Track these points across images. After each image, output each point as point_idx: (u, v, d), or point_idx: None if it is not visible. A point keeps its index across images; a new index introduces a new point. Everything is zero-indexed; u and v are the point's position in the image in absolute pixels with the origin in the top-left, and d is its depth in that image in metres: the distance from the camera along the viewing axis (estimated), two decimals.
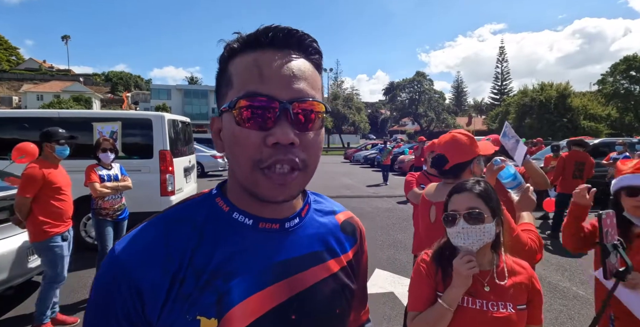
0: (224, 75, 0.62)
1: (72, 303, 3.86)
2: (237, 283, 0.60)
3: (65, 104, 48.26)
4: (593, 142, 9.68)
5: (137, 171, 5.28)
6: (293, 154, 0.57)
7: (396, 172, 17.58)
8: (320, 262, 0.69)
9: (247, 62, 0.59)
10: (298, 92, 0.58)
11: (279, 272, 0.64)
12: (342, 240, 0.76)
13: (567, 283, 4.48)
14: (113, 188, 3.87)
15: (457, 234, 1.31)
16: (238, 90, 0.58)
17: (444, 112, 54.39)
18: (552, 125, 30.08)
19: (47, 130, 3.33)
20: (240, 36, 0.61)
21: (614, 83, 39.02)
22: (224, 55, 0.63)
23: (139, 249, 0.59)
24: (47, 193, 3.19)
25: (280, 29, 0.59)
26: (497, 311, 1.27)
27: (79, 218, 5.37)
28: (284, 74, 0.58)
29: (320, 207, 0.77)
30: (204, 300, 0.58)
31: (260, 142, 0.57)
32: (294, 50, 0.61)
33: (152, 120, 5.55)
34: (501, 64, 67.76)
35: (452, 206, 1.36)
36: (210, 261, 0.60)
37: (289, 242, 0.67)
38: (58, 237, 3.23)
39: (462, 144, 1.91)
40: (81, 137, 5.41)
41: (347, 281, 0.73)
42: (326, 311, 0.68)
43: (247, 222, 0.64)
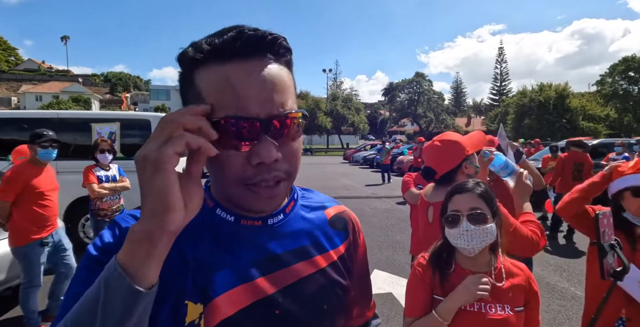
0: (190, 87, 0.59)
1: None
2: (221, 276, 0.62)
3: (64, 104, 48.25)
4: (592, 142, 9.70)
5: (136, 171, 5.26)
6: (277, 170, 0.58)
7: (395, 172, 17.59)
8: (307, 258, 0.69)
9: (218, 79, 0.55)
10: (277, 108, 0.56)
11: (262, 268, 0.65)
12: (331, 235, 0.75)
13: (565, 283, 4.48)
14: (111, 189, 3.87)
15: (459, 236, 1.29)
16: (213, 111, 0.55)
17: (443, 112, 54.50)
18: (551, 125, 30.15)
19: (34, 132, 3.21)
20: (202, 44, 0.57)
21: (613, 84, 39.16)
22: (188, 61, 0.58)
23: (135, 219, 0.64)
24: (29, 198, 3.08)
25: (248, 36, 0.55)
26: (494, 313, 1.27)
27: (77, 219, 5.38)
28: (260, 90, 0.55)
29: (307, 202, 0.77)
30: (189, 286, 0.60)
31: (244, 162, 0.56)
32: (264, 56, 0.57)
33: (150, 121, 5.56)
34: (500, 64, 67.90)
35: (453, 206, 1.34)
36: (194, 252, 0.62)
37: (273, 239, 0.67)
38: (36, 243, 3.12)
39: (444, 153, 1.89)
40: (80, 138, 5.46)
41: (337, 277, 0.73)
42: (313, 307, 0.68)
43: (229, 219, 0.66)
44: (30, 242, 3.09)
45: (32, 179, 3.09)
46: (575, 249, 6.01)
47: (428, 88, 54.54)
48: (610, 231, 1.59)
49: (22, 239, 3.08)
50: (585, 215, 1.87)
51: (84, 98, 54.66)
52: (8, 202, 3.04)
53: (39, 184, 3.13)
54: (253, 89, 0.55)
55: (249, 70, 0.56)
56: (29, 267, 3.13)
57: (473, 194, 1.34)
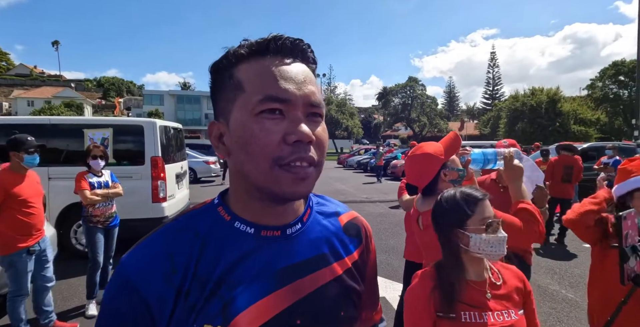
0: (228, 81, 0.64)
1: (64, 311, 3.83)
2: (241, 291, 0.62)
3: (56, 110, 47.83)
4: (582, 146, 9.81)
5: (129, 177, 5.26)
6: (311, 152, 0.61)
7: (389, 177, 17.64)
8: (324, 265, 0.70)
9: (261, 67, 0.62)
10: (311, 95, 0.62)
11: (282, 278, 0.65)
12: (345, 242, 0.76)
13: (556, 286, 4.52)
14: (103, 195, 3.85)
15: (499, 243, 1.26)
16: (254, 94, 0.60)
17: (437, 117, 54.76)
18: (543, 129, 30.41)
19: (15, 138, 3.12)
20: (247, 43, 0.64)
21: (603, 88, 39.64)
22: (229, 61, 0.64)
23: (144, 263, 0.62)
24: (12, 206, 3.01)
25: (286, 38, 0.63)
26: (503, 321, 1.25)
27: (69, 225, 5.34)
28: (298, 78, 0.61)
29: (322, 209, 0.78)
30: (209, 309, 0.60)
31: (281, 140, 0.59)
32: (298, 59, 0.64)
33: (143, 126, 5.54)
34: (492, 69, 68.66)
35: (484, 214, 1.31)
36: (214, 270, 0.62)
37: (291, 248, 0.68)
38: (23, 252, 3.07)
39: (418, 167, 1.90)
40: (72, 144, 5.44)
41: (352, 283, 0.74)
42: (331, 314, 0.69)
43: (249, 231, 0.66)
44: (17, 250, 3.04)
45: (13, 186, 3.02)
46: (566, 251, 6.06)
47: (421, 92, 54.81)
48: (634, 233, 1.54)
49: (8, 248, 3.02)
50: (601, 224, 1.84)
51: (76, 103, 54.23)
52: None
53: (21, 191, 3.07)
54: (292, 77, 0.61)
55: (286, 63, 0.62)
56: (16, 276, 3.08)
57: (488, 201, 1.34)
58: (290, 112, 0.60)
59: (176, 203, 6.09)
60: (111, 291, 0.63)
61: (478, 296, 1.28)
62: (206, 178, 16.11)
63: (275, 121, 0.59)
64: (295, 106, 0.60)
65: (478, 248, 1.27)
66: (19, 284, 3.08)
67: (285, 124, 0.59)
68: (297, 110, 0.60)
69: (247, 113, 0.60)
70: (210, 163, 15.71)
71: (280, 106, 0.59)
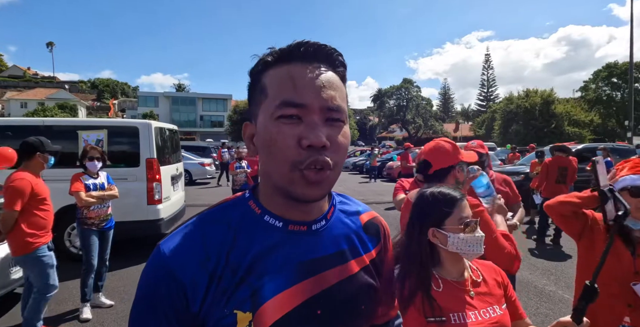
0: (257, 86, 0.68)
1: (58, 314, 3.80)
2: (268, 280, 0.65)
3: (49, 111, 47.55)
4: (576, 147, 9.88)
5: (124, 179, 5.23)
6: (325, 156, 0.62)
7: (384, 178, 17.67)
8: (344, 261, 0.74)
9: (281, 74, 0.65)
10: (327, 101, 0.64)
11: (306, 270, 0.69)
12: (365, 240, 0.80)
13: (553, 287, 4.54)
14: (99, 197, 3.82)
15: (477, 242, 1.27)
16: (273, 99, 0.64)
17: (432, 118, 54.97)
18: (537, 131, 30.60)
19: (39, 140, 3.27)
20: (273, 51, 0.67)
21: (597, 90, 39.97)
22: (257, 68, 0.68)
23: (180, 249, 0.66)
24: (33, 204, 3.13)
25: (310, 44, 0.66)
26: (489, 317, 1.26)
27: (64, 228, 5.30)
28: (315, 84, 0.64)
29: (345, 208, 0.82)
30: (239, 295, 0.64)
31: (296, 144, 0.62)
32: (322, 63, 0.67)
33: (138, 128, 5.51)
34: (487, 71, 68.93)
35: (464, 212, 1.31)
36: (244, 259, 0.66)
37: (315, 243, 0.72)
38: (44, 247, 3.17)
39: (444, 150, 1.98)
40: (66, 146, 5.38)
41: (370, 279, 0.77)
42: (351, 308, 0.72)
43: (278, 225, 0.70)
44: (39, 246, 3.13)
45: (35, 186, 3.14)
46: (562, 252, 6.09)
47: (416, 94, 54.99)
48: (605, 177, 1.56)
49: (30, 245, 3.09)
50: (575, 217, 1.86)
51: (70, 105, 53.91)
52: (17, 212, 3.05)
53: (40, 190, 3.19)
54: (309, 82, 0.64)
55: (307, 69, 0.65)
56: (44, 271, 3.15)
57: (466, 201, 1.35)
58: (307, 117, 0.63)
59: (171, 205, 6.06)
60: (149, 273, 0.66)
61: (463, 296, 1.28)
62: (201, 180, 16.04)
63: (292, 126, 0.62)
64: (312, 111, 0.63)
65: (456, 247, 1.28)
66: (48, 279, 3.17)
67: (301, 128, 0.62)
68: (313, 115, 0.63)
69: (268, 117, 0.64)
70: (206, 165, 15.66)
71: (297, 111, 0.62)
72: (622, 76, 36.77)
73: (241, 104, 43.16)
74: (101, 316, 3.78)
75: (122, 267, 5.13)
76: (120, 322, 3.68)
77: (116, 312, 3.86)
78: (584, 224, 1.86)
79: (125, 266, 5.19)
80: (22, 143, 3.26)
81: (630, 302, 1.64)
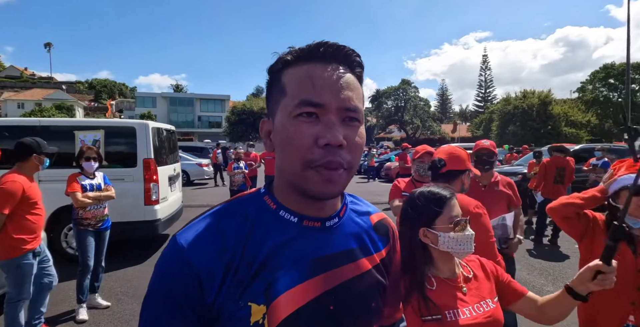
0: (276, 84, 0.69)
1: (54, 315, 3.77)
2: (283, 274, 0.67)
3: (46, 112, 47.35)
4: (574, 148, 9.91)
5: (121, 179, 5.22)
6: (340, 156, 0.64)
7: (382, 179, 17.68)
8: (356, 259, 0.75)
9: (300, 73, 0.66)
10: (345, 101, 0.65)
11: (319, 266, 0.70)
12: (375, 239, 0.82)
13: (550, 287, 4.54)
14: (95, 198, 3.80)
15: (467, 240, 1.28)
16: (292, 98, 0.65)
17: (430, 119, 55.00)
18: (535, 132, 30.67)
19: (36, 141, 3.18)
20: (293, 50, 0.68)
21: (594, 90, 40.09)
22: (277, 66, 0.70)
23: (197, 240, 0.66)
24: (24, 208, 3.02)
25: (330, 44, 0.67)
26: (483, 312, 1.28)
27: (60, 229, 5.27)
28: (333, 84, 0.65)
29: (356, 208, 0.83)
30: (254, 288, 0.65)
31: (312, 143, 0.63)
32: (340, 64, 0.68)
33: (136, 128, 5.50)
34: (484, 72, 69.07)
35: (451, 212, 1.32)
36: (259, 252, 0.67)
37: (328, 240, 0.73)
38: (29, 254, 3.04)
39: (460, 154, 2.16)
40: (63, 146, 5.35)
41: (380, 278, 0.79)
42: (362, 304, 0.74)
43: (293, 220, 0.71)
44: (24, 253, 3.00)
45: (27, 189, 3.03)
46: (559, 252, 6.10)
47: (414, 95, 55.01)
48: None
49: (15, 250, 2.97)
50: (578, 218, 1.87)
51: (67, 105, 53.66)
52: (4, 215, 2.93)
53: (34, 193, 3.09)
54: (328, 83, 0.65)
55: (326, 69, 0.66)
56: (21, 279, 3.02)
57: (456, 200, 1.36)
58: (325, 116, 0.64)
59: (169, 206, 6.04)
60: (164, 263, 0.67)
61: (456, 293, 1.30)
62: (199, 181, 16.01)
63: (310, 124, 0.64)
64: (330, 111, 0.64)
65: (447, 247, 1.29)
66: (22, 288, 3.04)
67: (319, 127, 0.64)
68: (331, 115, 0.64)
69: (286, 115, 0.65)
70: (203, 166, 15.62)
71: (315, 110, 0.64)
72: (619, 77, 36.90)
73: (239, 105, 43.18)
74: (97, 317, 3.76)
75: (119, 268, 5.11)
76: (117, 323, 3.66)
77: (112, 313, 3.84)
78: (586, 225, 1.88)
79: (123, 267, 5.17)
80: (18, 144, 3.16)
81: (634, 300, 1.65)
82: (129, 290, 4.42)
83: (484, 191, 2.87)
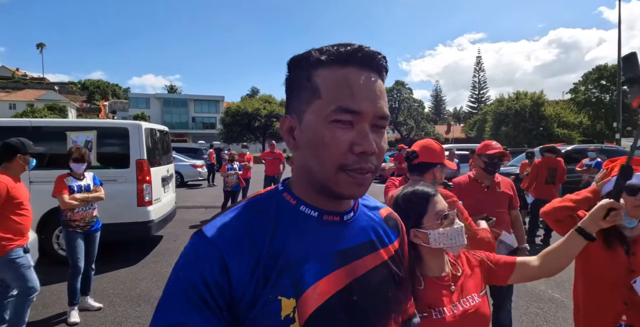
0: (304, 82, 0.69)
1: (44, 318, 3.73)
2: (308, 268, 0.68)
3: (38, 113, 46.84)
4: (566, 148, 9.99)
5: (113, 180, 5.19)
6: (372, 162, 0.67)
7: (377, 179, 17.71)
8: (373, 250, 0.79)
9: (338, 78, 0.66)
10: (380, 110, 0.67)
11: (340, 259, 0.72)
12: (388, 232, 0.85)
13: (542, 286, 4.57)
14: (82, 200, 3.76)
15: (457, 234, 1.29)
16: (329, 102, 0.65)
17: (424, 120, 55.24)
18: (527, 133, 30.93)
19: (21, 141, 3.16)
20: (329, 50, 0.68)
21: (586, 92, 40.48)
22: (307, 63, 0.69)
23: (227, 235, 0.67)
24: (9, 209, 2.98)
25: (367, 50, 0.68)
26: (469, 306, 1.30)
27: (51, 230, 5.22)
28: (370, 92, 0.66)
29: (366, 203, 0.87)
30: (282, 282, 0.66)
31: (347, 149, 0.65)
32: (372, 70, 0.69)
33: (128, 129, 5.46)
34: (478, 73, 69.49)
35: (439, 207, 1.32)
36: (284, 248, 0.68)
37: (347, 233, 0.76)
38: (19, 249, 3.04)
39: (433, 148, 2.21)
40: (55, 147, 5.31)
41: (396, 268, 0.83)
42: (381, 294, 0.77)
43: (313, 214, 0.73)
44: (13, 248, 3.01)
45: (12, 189, 3.01)
46: None
47: (408, 96, 55.20)
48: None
49: (3, 248, 2.96)
50: (571, 220, 1.86)
51: (59, 106, 53.18)
52: None
53: (19, 194, 3.06)
54: (366, 91, 0.66)
55: (364, 76, 0.67)
56: (21, 273, 3.02)
57: (440, 195, 1.38)
58: (359, 124, 0.66)
59: (162, 207, 6.01)
60: (192, 257, 0.66)
61: (442, 291, 1.31)
62: (193, 182, 15.94)
63: (345, 131, 0.65)
64: (366, 118, 0.66)
65: (438, 243, 1.30)
66: (25, 280, 3.03)
67: (353, 134, 0.65)
68: (366, 122, 0.66)
69: (320, 119, 0.66)
70: (197, 167, 15.56)
71: (352, 117, 0.65)
72: (611, 78, 37.28)
73: (233, 106, 43.04)
74: (89, 319, 3.73)
75: (112, 270, 5.07)
76: (109, 325, 3.63)
77: (104, 316, 3.81)
78: None
79: (115, 268, 5.13)
80: (3, 144, 3.14)
81: (626, 300, 1.65)
82: (122, 292, 4.39)
83: (487, 191, 2.88)
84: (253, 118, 39.05)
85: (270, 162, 9.60)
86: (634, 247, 1.67)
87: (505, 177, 3.05)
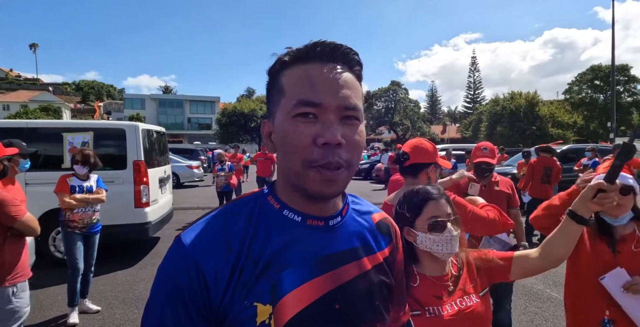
0: (275, 85, 0.69)
1: (42, 321, 3.70)
2: (288, 274, 0.66)
3: (32, 114, 46.55)
4: (561, 148, 10.06)
5: (110, 182, 5.14)
6: (339, 155, 0.64)
7: (373, 180, 17.73)
8: (360, 257, 0.75)
9: (299, 73, 0.67)
10: (344, 100, 0.65)
11: (324, 265, 0.70)
12: (378, 238, 0.82)
13: (540, 286, 4.60)
14: (81, 200, 3.74)
15: (446, 241, 1.27)
16: (290, 98, 0.65)
17: (419, 120, 55.39)
18: (522, 132, 31.14)
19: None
20: (291, 50, 0.69)
21: (580, 92, 40.79)
22: (275, 67, 0.70)
23: (203, 240, 0.66)
24: None
25: (327, 44, 0.68)
26: (465, 306, 1.30)
27: (48, 232, 5.18)
28: (331, 83, 0.65)
29: (357, 207, 0.83)
30: (259, 288, 0.64)
31: (311, 142, 0.63)
32: (338, 63, 0.68)
33: (125, 130, 5.44)
34: (473, 73, 69.74)
35: (431, 213, 1.31)
36: (264, 252, 0.67)
37: (332, 238, 0.73)
38: None
39: (424, 148, 2.07)
40: (51, 149, 5.29)
41: (383, 277, 0.79)
42: (366, 303, 0.74)
43: (296, 219, 0.71)
44: None
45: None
46: None
47: (404, 96, 55.31)
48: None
49: None
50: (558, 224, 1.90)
51: (53, 107, 52.85)
52: None
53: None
54: (325, 82, 0.65)
55: (324, 69, 0.66)
56: None
57: (444, 199, 1.35)
58: (323, 116, 0.64)
59: (159, 208, 5.98)
60: (170, 263, 0.67)
61: (440, 291, 1.31)
62: (189, 183, 15.90)
63: (308, 124, 0.64)
64: (328, 110, 0.64)
65: (425, 246, 1.30)
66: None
67: (317, 127, 0.64)
68: (329, 114, 0.64)
69: (285, 116, 0.66)
70: (194, 168, 15.52)
71: (313, 110, 0.64)
72: (605, 79, 37.59)
73: (229, 107, 42.96)
74: (88, 321, 3.70)
75: (109, 272, 5.04)
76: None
77: (103, 318, 3.79)
78: None
79: (113, 270, 5.10)
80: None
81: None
82: (120, 294, 4.37)
83: (484, 190, 2.91)
84: (249, 119, 38.98)
85: (262, 163, 9.67)
86: (621, 245, 1.69)
87: (505, 177, 3.07)
